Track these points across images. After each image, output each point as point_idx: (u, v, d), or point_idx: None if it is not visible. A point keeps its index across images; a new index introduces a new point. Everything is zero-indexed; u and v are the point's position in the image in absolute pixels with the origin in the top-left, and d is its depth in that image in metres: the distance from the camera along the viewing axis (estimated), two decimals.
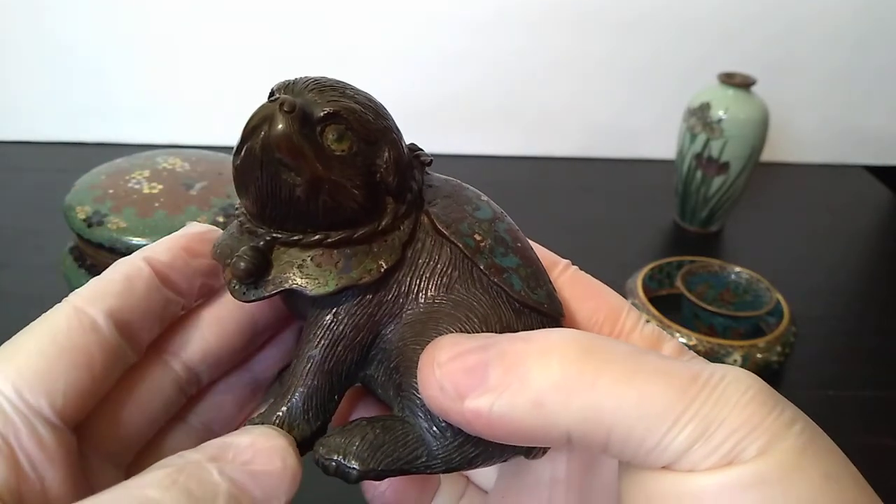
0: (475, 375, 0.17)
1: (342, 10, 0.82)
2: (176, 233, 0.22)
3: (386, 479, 0.20)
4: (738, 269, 0.61)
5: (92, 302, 0.19)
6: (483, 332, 0.19)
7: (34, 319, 0.19)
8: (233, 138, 0.19)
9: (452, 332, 0.19)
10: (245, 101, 0.20)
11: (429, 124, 0.87)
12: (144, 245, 0.55)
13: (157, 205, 0.50)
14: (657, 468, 0.16)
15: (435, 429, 0.19)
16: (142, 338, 0.20)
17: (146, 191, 0.52)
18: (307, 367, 0.20)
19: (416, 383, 0.19)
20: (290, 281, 0.19)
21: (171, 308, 0.21)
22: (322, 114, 0.19)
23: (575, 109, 0.89)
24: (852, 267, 0.74)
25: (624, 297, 0.23)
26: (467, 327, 0.19)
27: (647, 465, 0.16)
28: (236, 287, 0.20)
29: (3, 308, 0.57)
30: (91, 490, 0.17)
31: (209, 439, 0.18)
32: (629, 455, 0.16)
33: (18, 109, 0.86)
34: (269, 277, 0.19)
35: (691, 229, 0.77)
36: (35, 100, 0.85)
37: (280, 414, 0.20)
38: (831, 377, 0.56)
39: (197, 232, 0.22)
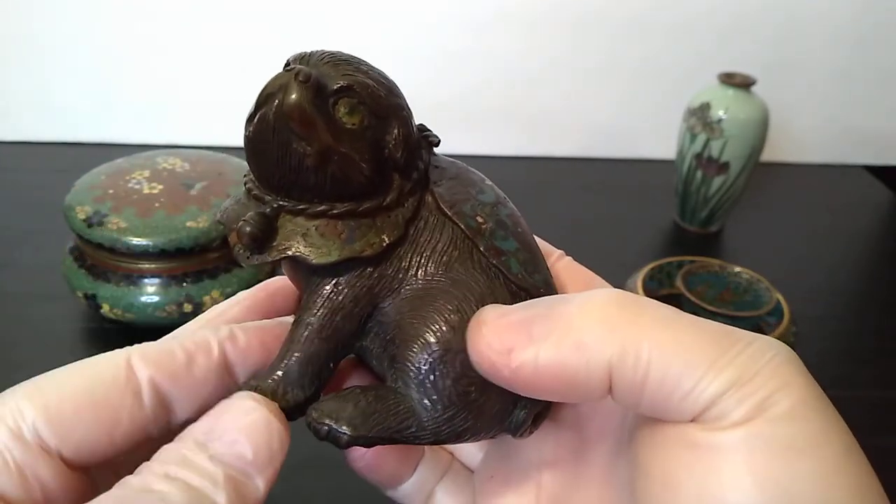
0: (520, 330, 0.18)
1: (342, 10, 0.81)
2: (261, 323, 0.22)
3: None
4: (738, 269, 0.61)
5: (146, 365, 0.19)
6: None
7: (34, 319, 0.19)
8: (233, 138, 0.19)
9: (449, 308, 0.20)
10: (245, 102, 0.20)
11: (429, 124, 0.87)
12: (144, 245, 0.54)
13: (157, 205, 0.50)
14: (684, 421, 0.16)
15: (426, 401, 0.19)
16: (177, 417, 0.20)
17: (146, 191, 0.52)
18: (305, 334, 0.20)
19: (411, 355, 0.19)
20: (293, 248, 0.19)
21: (219, 395, 0.20)
22: (336, 86, 0.19)
23: (575, 109, 0.89)
24: (852, 267, 0.74)
25: None
26: (464, 305, 0.20)
27: (678, 414, 0.16)
28: (241, 251, 0.20)
29: (3, 308, 0.57)
30: None
31: None
32: (663, 398, 0.16)
33: (18, 109, 0.86)
34: (274, 244, 0.20)
35: (691, 229, 0.77)
36: (34, 100, 0.85)
37: (276, 377, 0.20)
38: (831, 377, 0.56)
39: (278, 322, 0.22)
